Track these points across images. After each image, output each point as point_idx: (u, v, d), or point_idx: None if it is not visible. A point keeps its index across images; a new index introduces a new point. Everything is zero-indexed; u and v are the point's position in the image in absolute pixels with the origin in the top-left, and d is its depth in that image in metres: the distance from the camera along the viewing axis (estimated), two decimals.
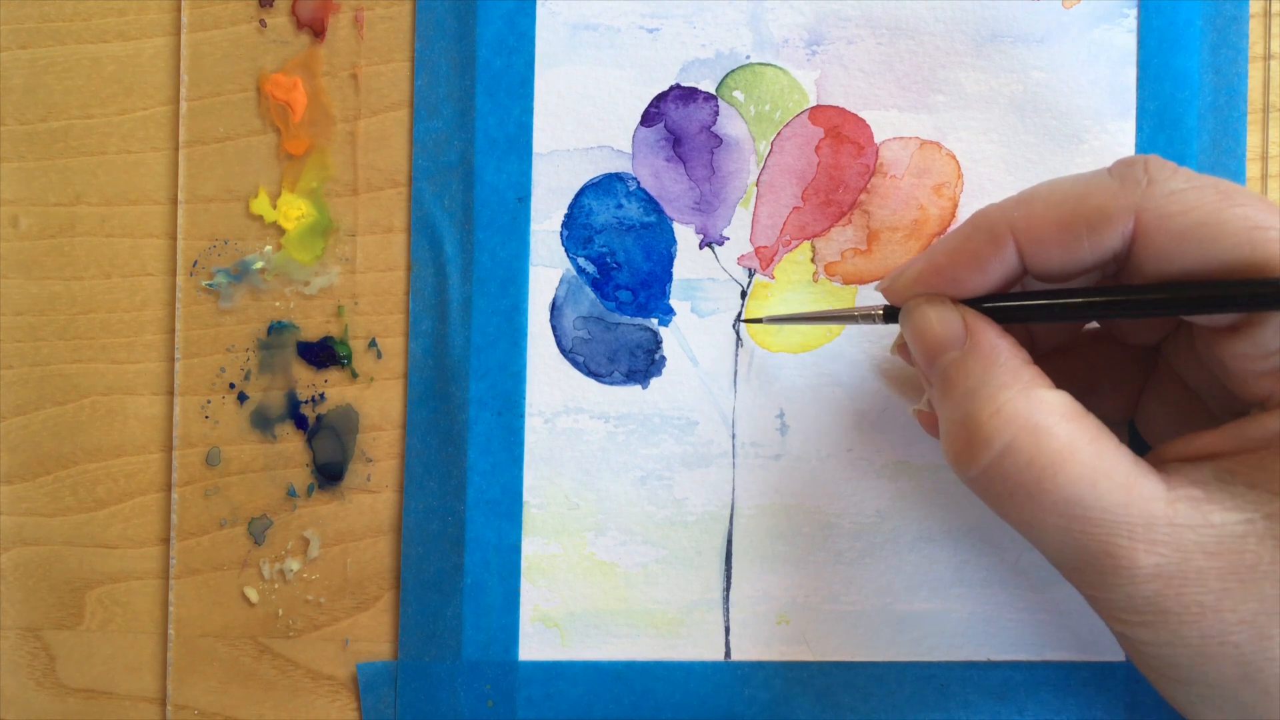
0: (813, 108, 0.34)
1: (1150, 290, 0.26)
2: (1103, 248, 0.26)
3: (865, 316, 0.30)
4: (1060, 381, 0.27)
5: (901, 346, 0.31)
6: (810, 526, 0.34)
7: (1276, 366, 0.26)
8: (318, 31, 0.35)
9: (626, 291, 0.35)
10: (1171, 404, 0.30)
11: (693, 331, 0.34)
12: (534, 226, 0.34)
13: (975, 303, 0.28)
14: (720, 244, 0.34)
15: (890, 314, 0.29)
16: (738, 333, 0.34)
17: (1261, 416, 0.26)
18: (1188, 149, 0.34)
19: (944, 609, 0.34)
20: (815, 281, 0.34)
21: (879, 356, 0.34)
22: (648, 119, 0.34)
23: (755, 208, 0.34)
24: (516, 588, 0.34)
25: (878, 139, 0.34)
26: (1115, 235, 0.26)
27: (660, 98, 0.34)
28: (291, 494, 0.35)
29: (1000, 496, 0.26)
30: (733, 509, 0.34)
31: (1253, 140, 0.34)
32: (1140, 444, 0.33)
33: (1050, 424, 0.25)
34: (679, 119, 0.34)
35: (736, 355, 0.34)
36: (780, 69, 0.34)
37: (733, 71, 0.34)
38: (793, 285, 0.34)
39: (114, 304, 0.35)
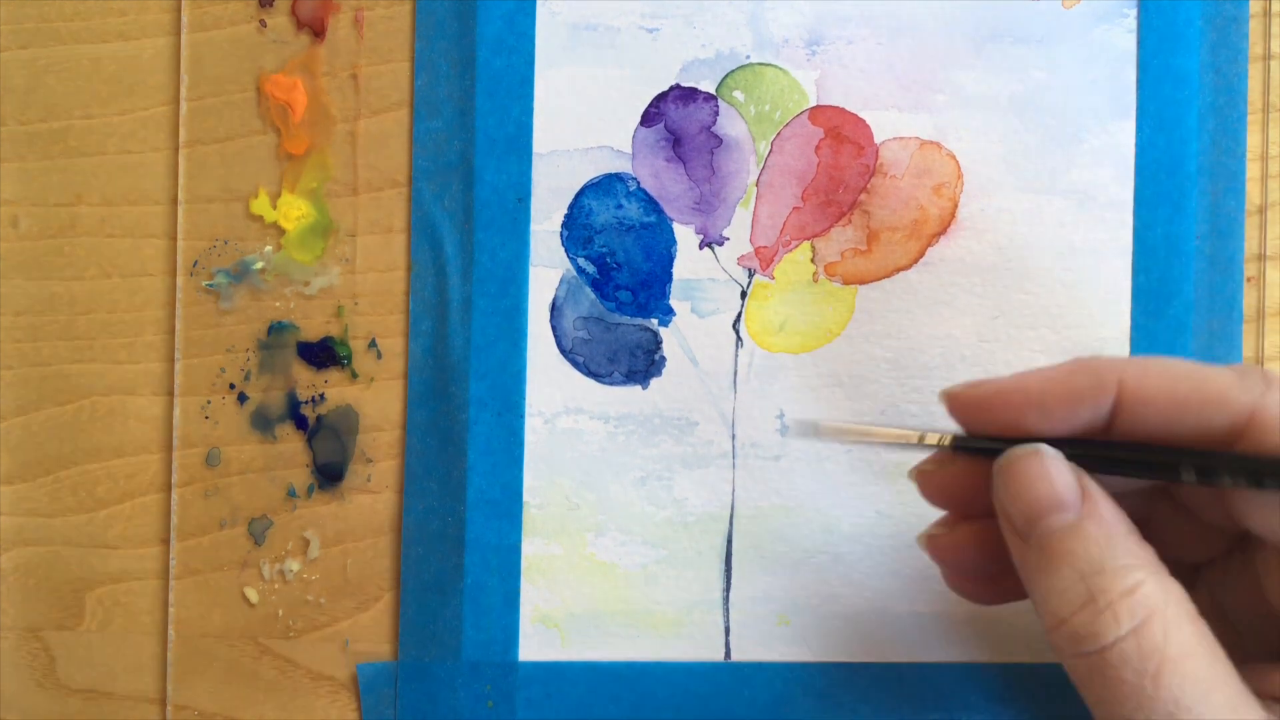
0: (813, 108, 0.34)
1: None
2: (1209, 426, 0.25)
3: (926, 445, 0.27)
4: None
5: (925, 474, 0.29)
6: (810, 526, 0.34)
7: None
8: (318, 31, 0.35)
9: (626, 292, 0.35)
10: (1178, 523, 0.29)
11: (693, 332, 0.34)
12: (534, 226, 0.34)
13: (1085, 450, 0.26)
14: (720, 244, 0.34)
15: (964, 444, 0.27)
16: (738, 333, 0.34)
17: None
18: (1188, 149, 0.34)
19: (944, 609, 0.34)
20: (815, 282, 0.34)
21: (881, 363, 0.34)
22: (648, 119, 0.34)
23: (755, 208, 0.34)
24: (516, 588, 0.34)
25: (878, 139, 0.34)
26: (1224, 421, 0.25)
27: (660, 98, 0.34)
28: (291, 494, 0.35)
29: (1108, 681, 0.24)
30: (733, 509, 0.34)
31: (1253, 140, 0.34)
32: None
33: (1179, 616, 0.24)
34: (679, 119, 0.34)
35: (736, 355, 0.34)
36: (780, 69, 0.34)
37: (733, 71, 0.34)
38: (793, 285, 0.34)
39: (114, 304, 0.35)
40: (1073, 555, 0.25)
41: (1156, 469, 0.26)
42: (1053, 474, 0.26)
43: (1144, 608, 0.24)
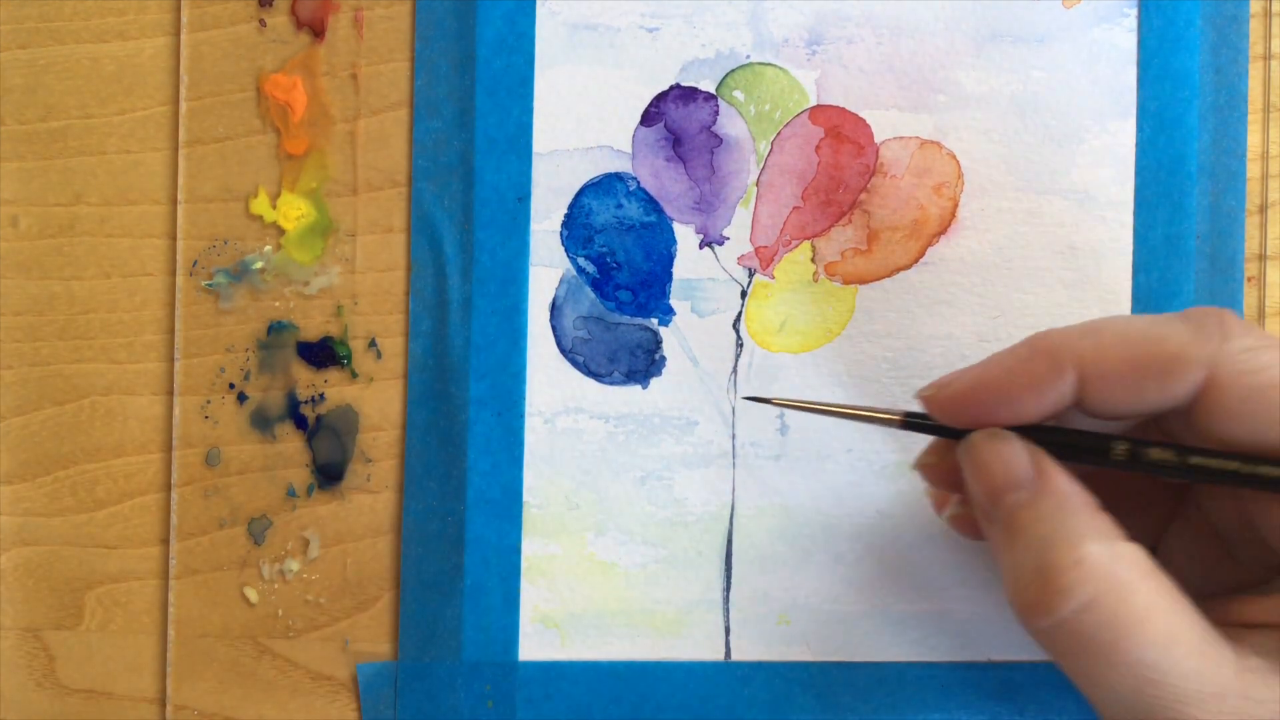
0: (813, 107, 0.34)
1: (1218, 455, 0.25)
2: (1171, 394, 0.25)
3: (883, 419, 0.29)
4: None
5: (928, 466, 0.30)
6: (810, 526, 0.34)
7: None
8: (317, 31, 0.35)
9: (626, 291, 0.35)
10: (1197, 543, 0.30)
11: (693, 331, 0.34)
12: (534, 226, 0.34)
13: (1040, 434, 0.27)
14: (720, 244, 0.34)
15: (913, 421, 0.28)
16: (738, 332, 0.34)
17: None
18: (1188, 149, 0.34)
19: (944, 609, 0.34)
20: (815, 281, 0.34)
21: (881, 363, 0.34)
22: (648, 119, 0.34)
23: (755, 207, 0.34)
24: (516, 588, 0.34)
25: (878, 139, 0.34)
26: (1186, 384, 0.25)
27: (660, 98, 0.34)
28: (291, 494, 0.35)
29: (1070, 651, 0.25)
30: (733, 509, 0.34)
31: (1253, 140, 0.34)
32: None
33: (1133, 579, 0.25)
34: (679, 119, 0.34)
35: (736, 355, 0.34)
36: (780, 69, 0.34)
37: (733, 71, 0.34)
38: (793, 285, 0.34)
39: (114, 304, 0.35)
40: (1026, 530, 0.26)
41: (1093, 453, 0.27)
42: (1006, 455, 0.26)
43: (1093, 578, 0.24)
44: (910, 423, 0.28)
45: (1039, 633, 0.25)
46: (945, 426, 0.28)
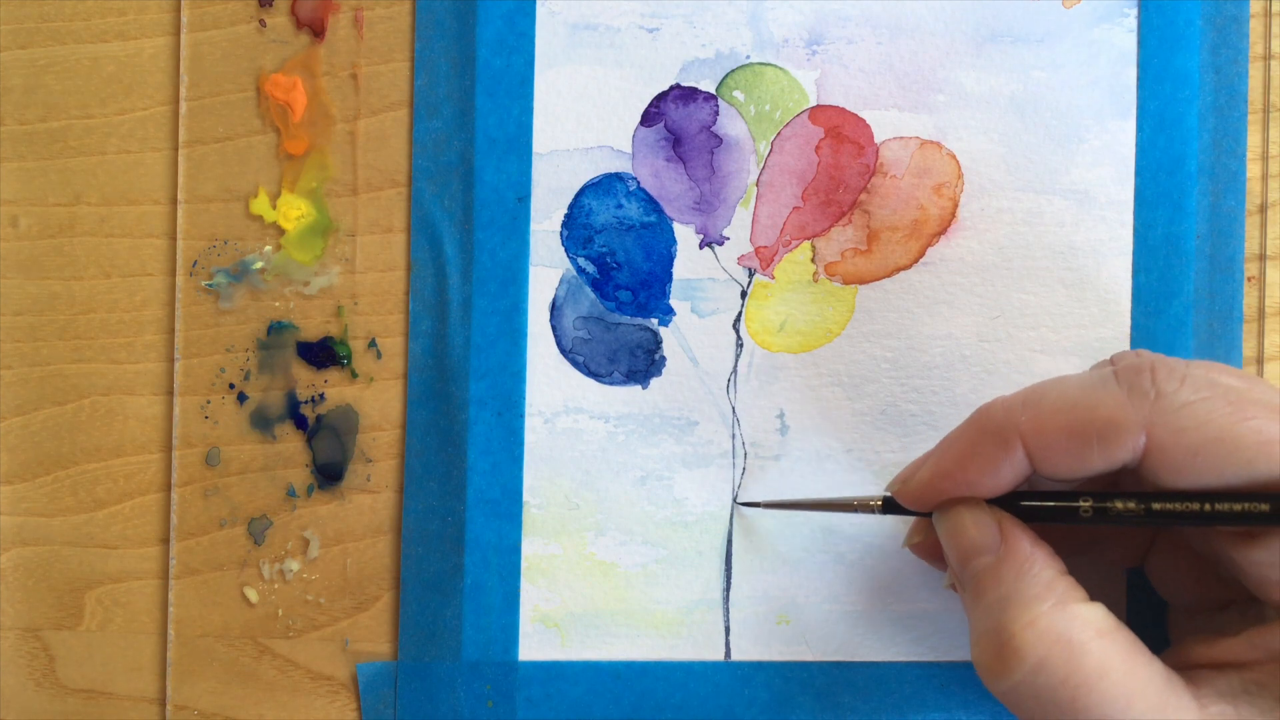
0: (813, 108, 0.34)
1: (1178, 498, 0.26)
2: (1113, 459, 0.26)
3: (864, 507, 0.30)
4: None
5: (918, 544, 0.31)
6: (810, 526, 0.34)
7: None
8: (317, 31, 0.35)
9: (626, 291, 0.35)
10: (1182, 562, 0.30)
11: (693, 331, 0.34)
12: (534, 226, 0.34)
13: (1011, 500, 0.28)
14: (720, 244, 0.34)
15: (889, 505, 0.30)
16: (738, 332, 0.34)
17: None
18: (1188, 149, 0.34)
19: (944, 609, 0.34)
20: (815, 281, 0.34)
21: (881, 363, 0.34)
22: (648, 119, 0.34)
23: (755, 208, 0.34)
24: (516, 588, 0.34)
25: (878, 139, 0.34)
26: (1126, 449, 0.26)
27: (660, 98, 0.34)
28: (291, 494, 0.35)
29: (1030, 712, 0.26)
30: (733, 509, 0.34)
31: (1253, 140, 0.34)
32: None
33: (1084, 640, 0.25)
34: (679, 119, 0.34)
35: (736, 355, 0.34)
36: (780, 69, 0.34)
37: (733, 71, 0.34)
38: (793, 285, 0.34)
39: (114, 304, 0.35)
40: (987, 594, 0.27)
41: (1062, 513, 0.27)
42: (970, 523, 0.27)
43: (1044, 640, 0.25)
44: (889, 508, 0.30)
45: (1000, 695, 0.26)
46: (910, 512, 0.30)
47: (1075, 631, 0.25)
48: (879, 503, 0.30)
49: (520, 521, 0.34)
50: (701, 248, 0.34)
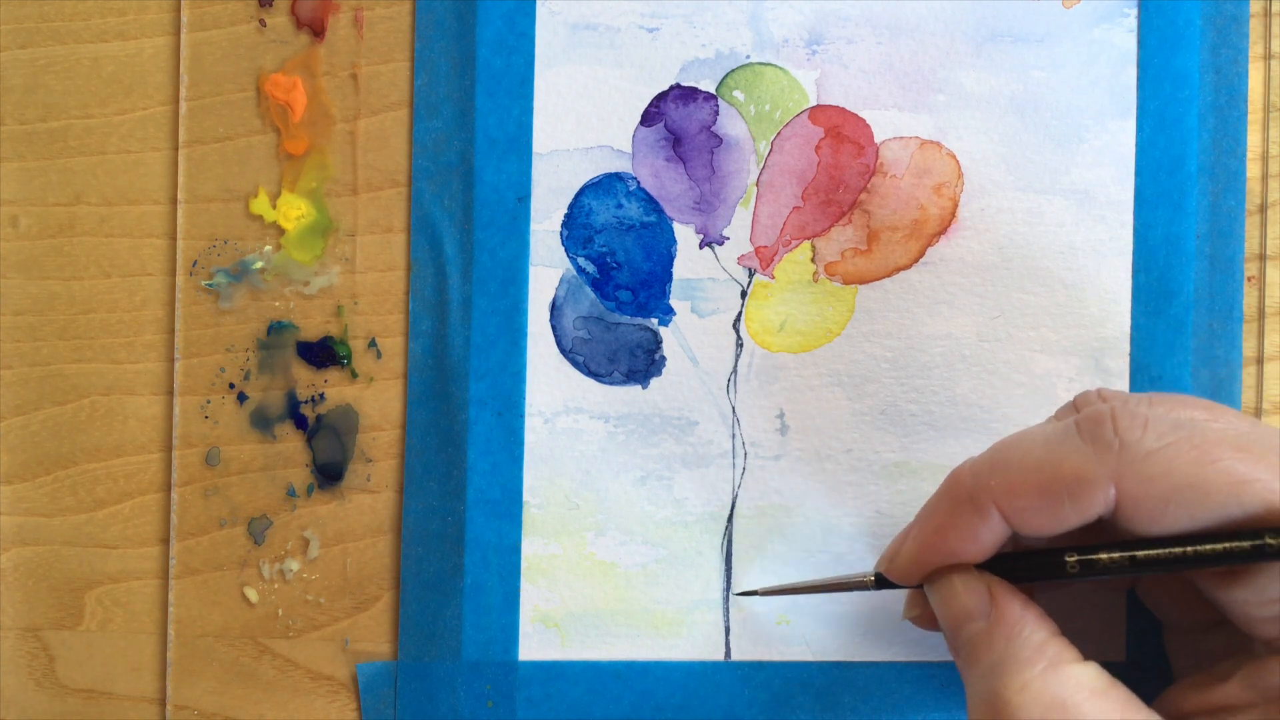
0: (813, 107, 0.34)
1: (1160, 545, 0.26)
2: (1086, 513, 0.26)
3: (858, 584, 0.30)
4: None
5: (917, 616, 0.31)
6: (810, 526, 0.34)
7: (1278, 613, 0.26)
8: (317, 31, 0.35)
9: (626, 291, 0.35)
10: (1171, 586, 0.30)
11: (693, 331, 0.34)
12: (534, 226, 0.34)
13: (999, 563, 0.28)
14: (720, 244, 0.34)
15: (881, 581, 0.30)
16: (738, 332, 0.34)
17: (1275, 663, 0.26)
18: (1188, 149, 0.34)
19: None
20: (815, 281, 0.34)
21: (881, 363, 0.34)
22: (648, 119, 0.34)
23: (755, 207, 0.34)
24: (516, 588, 0.34)
25: (878, 139, 0.34)
26: (1097, 503, 0.25)
27: (660, 97, 0.34)
28: (291, 494, 0.35)
29: None
30: (733, 509, 0.34)
31: (1253, 140, 0.34)
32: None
33: (1078, 701, 0.25)
34: (679, 119, 0.34)
35: (737, 355, 0.34)
36: (780, 69, 0.34)
37: (733, 71, 0.34)
38: (793, 285, 0.34)
39: (114, 304, 0.35)
40: (980, 659, 0.27)
41: (1050, 569, 0.27)
42: (959, 590, 0.28)
43: (1038, 703, 0.25)
44: (882, 583, 0.30)
45: None
46: (900, 586, 0.30)
47: (1069, 693, 0.25)
48: (872, 579, 0.30)
49: (520, 521, 0.34)
50: (701, 248, 0.34)
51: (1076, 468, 0.25)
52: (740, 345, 0.34)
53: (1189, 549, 0.25)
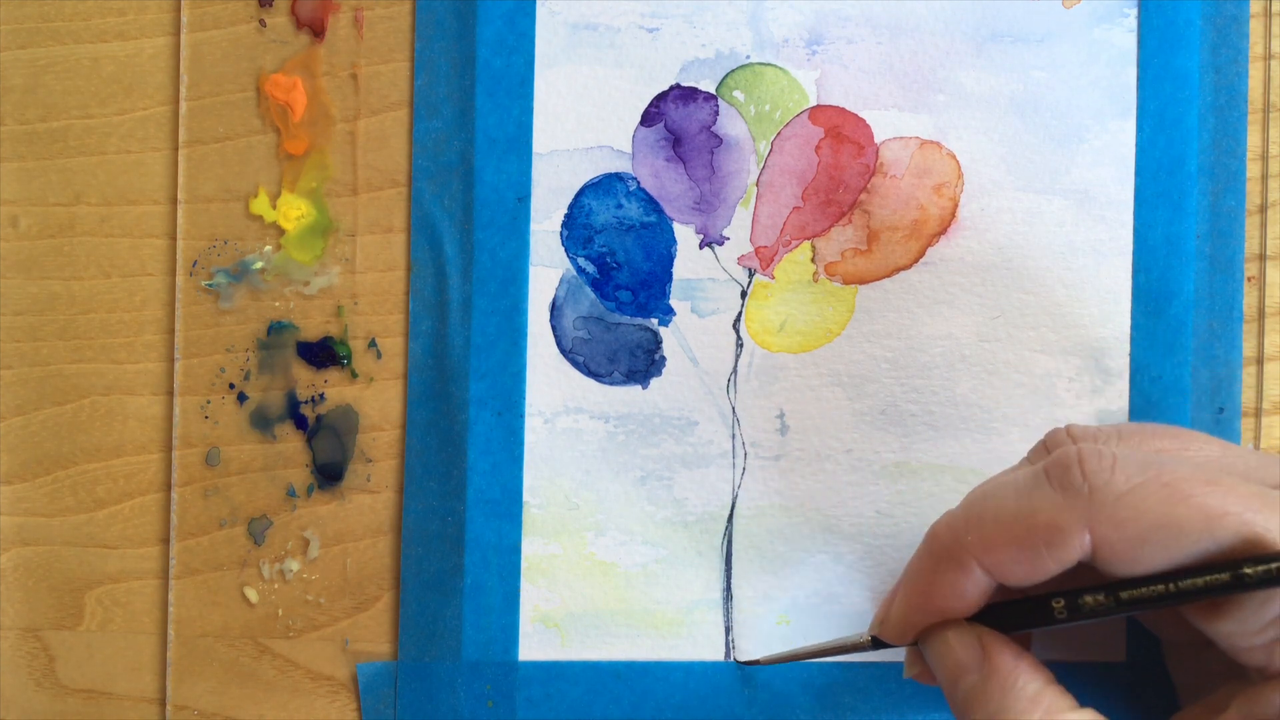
0: (813, 108, 0.34)
1: (1143, 584, 0.26)
2: (1065, 560, 0.26)
3: (855, 646, 0.30)
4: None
5: (919, 673, 0.31)
6: (810, 526, 0.34)
7: (1267, 641, 0.25)
8: (317, 31, 0.35)
9: (626, 291, 0.35)
10: (1165, 610, 0.30)
11: (693, 331, 0.34)
12: (534, 226, 0.34)
13: (988, 614, 0.28)
14: (720, 244, 0.34)
15: (878, 642, 0.30)
16: (738, 332, 0.34)
17: (1267, 690, 0.26)
18: (1188, 149, 0.34)
19: None
20: (815, 281, 0.34)
21: (881, 363, 0.34)
22: (648, 119, 0.34)
23: (755, 208, 0.34)
24: (516, 588, 0.34)
25: (878, 139, 0.34)
26: (1074, 549, 0.25)
27: (660, 98, 0.34)
28: (291, 494, 0.35)
29: None
30: (733, 509, 0.34)
31: (1253, 140, 0.34)
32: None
33: None
34: (679, 119, 0.34)
35: (737, 355, 0.34)
36: (780, 69, 0.34)
37: (733, 71, 0.34)
38: (793, 285, 0.34)
39: (114, 304, 0.35)
40: (976, 713, 0.27)
41: (1039, 615, 0.27)
42: (953, 645, 0.28)
43: None
44: (878, 644, 0.30)
45: None
46: (895, 645, 0.30)
47: None
48: (868, 639, 0.30)
49: (520, 521, 0.34)
50: (701, 248, 0.34)
51: (1049, 518, 0.25)
52: (740, 345, 0.34)
53: (1171, 586, 0.25)
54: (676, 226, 0.34)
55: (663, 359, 0.35)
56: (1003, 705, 0.26)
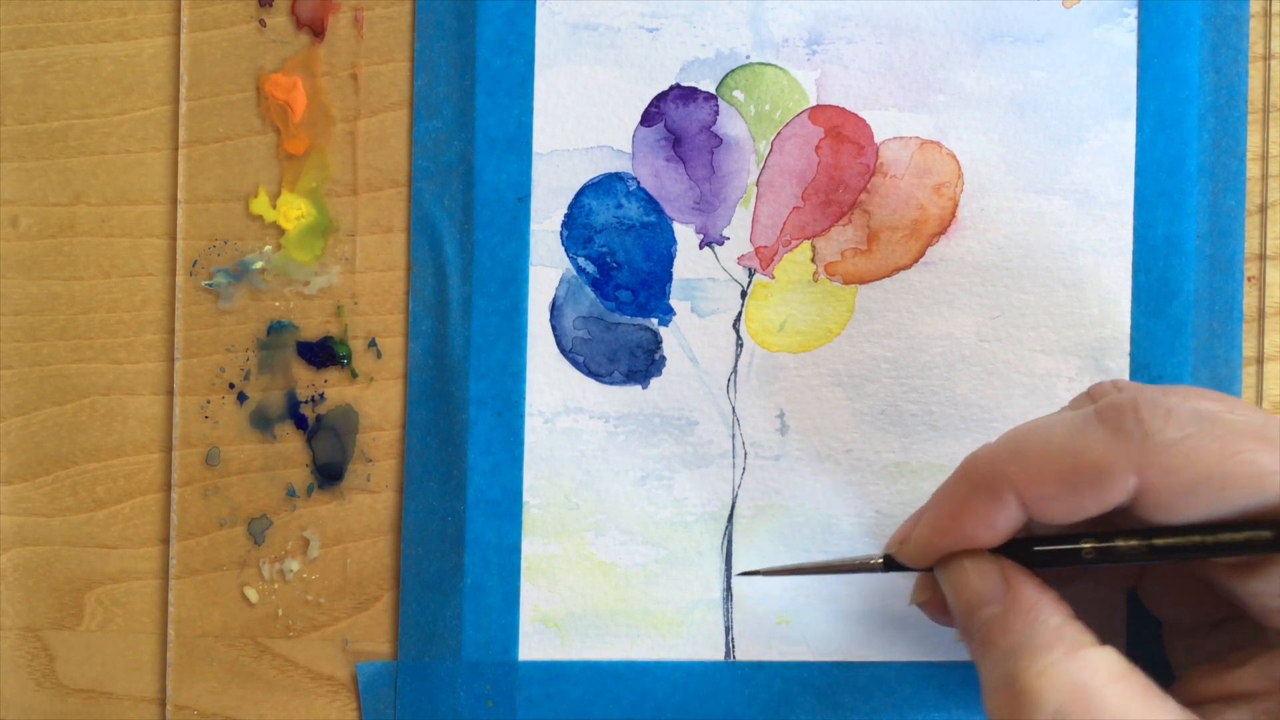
0: (813, 107, 0.34)
1: (1179, 533, 0.26)
2: (1106, 502, 0.26)
3: (865, 566, 0.30)
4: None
5: (925, 601, 0.31)
6: (810, 526, 0.34)
7: None
8: (317, 31, 0.35)
9: (626, 291, 0.35)
10: (1175, 584, 0.30)
11: (693, 331, 0.34)
12: (534, 226, 0.34)
13: (1012, 548, 0.28)
14: (720, 244, 0.34)
15: (890, 563, 0.30)
16: (738, 332, 0.34)
17: None
18: (1188, 149, 0.34)
19: None
20: (815, 281, 0.34)
21: (881, 363, 0.34)
22: (648, 119, 0.34)
23: (755, 207, 0.34)
24: (516, 588, 0.34)
25: (878, 139, 0.34)
26: (1118, 492, 0.25)
27: (660, 97, 0.34)
28: (291, 494, 0.35)
29: None
30: (733, 509, 0.34)
31: (1253, 140, 0.34)
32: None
33: (1099, 685, 0.25)
34: (679, 119, 0.34)
35: (737, 355, 0.34)
36: (780, 69, 0.34)
37: (733, 71, 0.34)
38: (793, 285, 0.34)
39: (114, 304, 0.35)
40: (997, 644, 0.26)
41: (1066, 557, 0.27)
42: (973, 574, 0.27)
43: (1059, 687, 0.25)
44: (891, 565, 0.30)
45: None
46: (909, 568, 0.29)
47: (1089, 678, 0.25)
48: (880, 561, 0.30)
49: (520, 521, 0.34)
50: (701, 248, 0.34)
51: (1099, 456, 0.25)
52: (740, 345, 0.34)
53: (1209, 537, 0.25)
54: (676, 226, 0.34)
55: (663, 359, 0.35)
56: (1025, 637, 0.26)
